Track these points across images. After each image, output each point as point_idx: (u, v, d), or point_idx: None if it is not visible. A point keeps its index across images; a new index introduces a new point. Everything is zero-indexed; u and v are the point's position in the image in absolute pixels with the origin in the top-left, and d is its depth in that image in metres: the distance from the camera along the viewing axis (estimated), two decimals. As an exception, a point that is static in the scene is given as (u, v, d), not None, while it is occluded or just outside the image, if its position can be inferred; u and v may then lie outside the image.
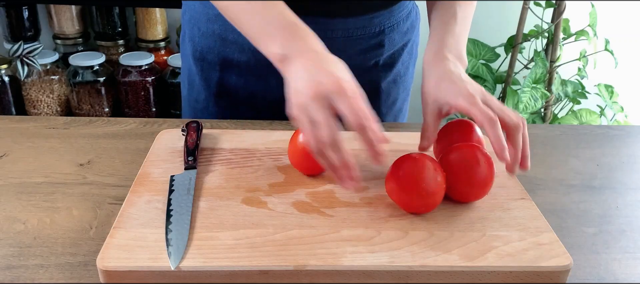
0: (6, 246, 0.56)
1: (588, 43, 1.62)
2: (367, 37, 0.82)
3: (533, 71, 1.57)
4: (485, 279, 0.53)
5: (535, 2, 1.66)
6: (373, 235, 0.56)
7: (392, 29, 0.83)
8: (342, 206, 0.61)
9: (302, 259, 0.52)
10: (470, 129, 0.68)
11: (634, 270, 0.58)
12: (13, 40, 1.65)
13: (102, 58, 1.64)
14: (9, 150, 0.75)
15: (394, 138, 0.79)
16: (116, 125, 0.84)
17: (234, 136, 0.76)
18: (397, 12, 0.83)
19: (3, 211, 0.62)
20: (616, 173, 0.77)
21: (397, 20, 0.84)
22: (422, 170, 0.58)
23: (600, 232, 0.63)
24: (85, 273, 0.53)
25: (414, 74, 0.97)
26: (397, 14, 0.83)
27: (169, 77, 1.66)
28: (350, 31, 0.80)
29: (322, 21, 0.77)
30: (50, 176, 0.69)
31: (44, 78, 1.64)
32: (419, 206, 0.60)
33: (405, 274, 0.52)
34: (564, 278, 0.54)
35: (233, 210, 0.60)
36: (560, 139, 0.87)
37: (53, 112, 1.68)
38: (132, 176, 0.67)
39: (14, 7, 1.63)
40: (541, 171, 0.76)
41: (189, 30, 0.86)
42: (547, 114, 1.75)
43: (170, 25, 1.80)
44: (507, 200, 0.64)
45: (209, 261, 0.51)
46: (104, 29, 1.71)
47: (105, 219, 0.61)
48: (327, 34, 0.78)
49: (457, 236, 0.57)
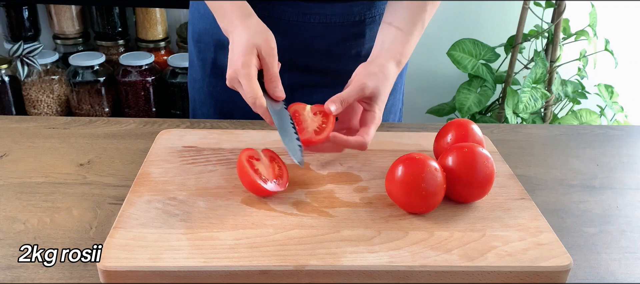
0: (6, 246, 0.56)
1: (588, 43, 1.62)
2: (346, 25, 0.82)
3: (533, 71, 1.57)
4: (485, 279, 0.53)
5: (535, 2, 1.66)
6: (373, 235, 0.56)
7: (373, 20, 0.84)
8: (342, 206, 0.61)
9: (302, 259, 0.52)
10: (470, 129, 0.68)
11: (634, 270, 0.58)
12: (13, 40, 1.65)
13: (102, 59, 1.64)
14: (9, 150, 0.75)
15: (394, 138, 0.79)
16: (116, 125, 0.84)
17: (234, 136, 0.76)
18: (379, 4, 0.84)
19: (3, 211, 0.62)
20: (616, 173, 0.77)
21: (380, 12, 0.84)
22: (422, 170, 0.58)
23: (600, 232, 0.63)
24: (85, 273, 0.53)
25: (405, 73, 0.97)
26: (380, 6, 0.84)
27: (169, 77, 1.66)
28: (328, 17, 0.81)
29: (301, 5, 0.79)
30: (50, 176, 0.69)
31: (44, 78, 1.64)
32: (419, 206, 0.60)
33: (405, 274, 0.52)
34: (564, 278, 0.54)
35: (233, 210, 0.60)
36: (560, 139, 0.87)
37: (53, 112, 1.68)
38: (132, 176, 0.67)
39: (14, 7, 1.63)
40: (541, 171, 0.76)
41: (191, 14, 0.91)
42: (547, 114, 1.75)
43: (170, 25, 1.80)
44: (507, 200, 0.64)
45: (209, 261, 0.51)
46: (104, 29, 1.71)
47: (105, 219, 0.61)
48: (305, 19, 0.80)
49: (457, 236, 0.57)
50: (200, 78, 0.92)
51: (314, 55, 0.83)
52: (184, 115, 1.69)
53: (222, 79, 0.89)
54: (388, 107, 0.95)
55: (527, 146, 0.84)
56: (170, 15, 1.78)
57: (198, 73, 0.92)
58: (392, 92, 0.93)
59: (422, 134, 0.80)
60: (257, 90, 0.62)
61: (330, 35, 0.82)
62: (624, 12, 1.81)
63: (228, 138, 0.76)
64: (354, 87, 0.65)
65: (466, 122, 0.69)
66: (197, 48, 0.90)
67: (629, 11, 1.81)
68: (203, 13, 0.87)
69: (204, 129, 0.80)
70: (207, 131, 0.77)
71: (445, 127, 0.70)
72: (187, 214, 0.58)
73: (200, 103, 0.93)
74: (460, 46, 1.65)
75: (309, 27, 0.81)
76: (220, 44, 0.86)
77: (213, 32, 0.86)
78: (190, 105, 0.97)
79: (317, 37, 0.82)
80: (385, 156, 0.73)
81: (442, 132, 0.70)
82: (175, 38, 1.82)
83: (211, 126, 0.85)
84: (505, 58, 1.72)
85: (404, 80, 0.98)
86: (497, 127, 0.90)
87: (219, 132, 0.77)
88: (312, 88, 0.86)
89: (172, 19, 1.79)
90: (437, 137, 0.71)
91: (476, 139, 0.67)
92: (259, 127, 0.83)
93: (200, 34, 0.89)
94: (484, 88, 1.66)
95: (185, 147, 0.73)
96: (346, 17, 0.82)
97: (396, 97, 0.96)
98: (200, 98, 0.93)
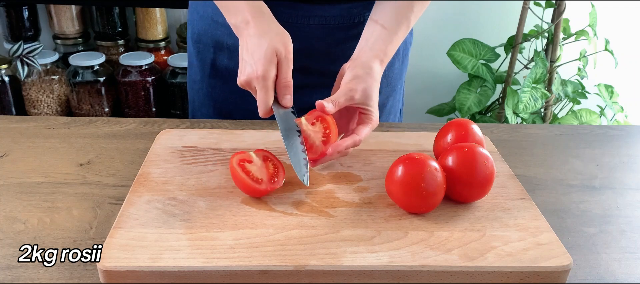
0: (6, 246, 0.56)
1: (588, 43, 1.62)
2: (346, 27, 0.82)
3: (533, 71, 1.57)
4: (485, 279, 0.53)
5: (535, 2, 1.66)
6: (373, 235, 0.56)
7: None
8: (342, 206, 0.61)
9: (302, 259, 0.52)
10: (470, 129, 0.68)
11: (634, 270, 0.58)
12: (13, 40, 1.65)
13: (102, 59, 1.64)
14: (9, 150, 0.75)
15: (394, 138, 0.79)
16: (116, 125, 0.84)
17: (234, 136, 0.76)
18: None
19: (3, 211, 0.62)
20: (616, 173, 0.77)
21: None
22: (422, 170, 0.58)
23: (600, 232, 0.63)
24: (85, 273, 0.53)
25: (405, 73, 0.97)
26: None
27: (169, 77, 1.66)
28: (328, 19, 0.81)
29: (301, 7, 0.79)
30: (50, 176, 0.69)
31: (44, 78, 1.64)
32: (419, 206, 0.60)
33: (405, 274, 0.52)
34: (564, 278, 0.54)
35: (233, 210, 0.60)
36: (560, 139, 0.87)
37: (53, 112, 1.68)
38: (132, 176, 0.67)
39: (14, 7, 1.63)
40: (541, 171, 0.76)
41: (190, 14, 0.91)
42: (547, 114, 1.75)
43: (170, 25, 1.80)
44: (507, 200, 0.64)
45: (209, 261, 0.51)
46: (104, 29, 1.71)
47: (105, 219, 0.61)
48: (305, 21, 0.80)
49: (457, 236, 0.57)
50: (200, 79, 0.92)
51: (313, 57, 0.83)
52: (184, 115, 1.69)
53: (221, 80, 0.90)
54: (388, 108, 0.95)
55: (527, 146, 0.84)
56: (170, 15, 1.78)
57: (197, 74, 0.92)
58: (392, 93, 0.93)
59: (422, 134, 0.80)
60: (270, 102, 0.64)
61: (329, 37, 0.82)
62: (624, 12, 1.81)
63: (228, 138, 0.76)
64: (342, 92, 0.66)
65: (466, 122, 0.69)
66: (196, 49, 0.90)
67: (629, 11, 1.81)
68: (202, 14, 0.87)
69: (204, 129, 0.80)
70: (207, 131, 0.77)
71: (445, 127, 0.70)
72: (187, 214, 0.58)
73: (200, 104, 0.94)
74: (460, 46, 1.65)
75: (309, 29, 0.81)
76: (219, 45, 0.86)
77: (212, 33, 0.86)
78: (190, 105, 0.97)
79: (317, 39, 0.82)
80: (385, 156, 0.73)
81: (442, 132, 0.70)
82: (175, 38, 1.82)
83: (211, 126, 0.85)
84: (505, 58, 1.72)
85: (403, 81, 0.98)
86: (497, 127, 0.90)
87: (219, 132, 0.77)
88: (312, 89, 0.86)
89: (172, 19, 1.79)
90: (437, 137, 0.71)
91: (476, 139, 0.67)
92: (259, 127, 0.83)
93: (200, 34, 0.89)
94: (484, 88, 1.66)
95: (185, 147, 0.73)
96: (345, 19, 0.82)
97: (396, 98, 0.96)
98: (200, 99, 0.93)
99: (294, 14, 0.79)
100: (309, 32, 0.81)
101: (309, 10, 0.80)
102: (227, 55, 0.86)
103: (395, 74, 0.92)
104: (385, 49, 0.71)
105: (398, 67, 0.93)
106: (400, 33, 0.72)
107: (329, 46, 0.83)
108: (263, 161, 0.65)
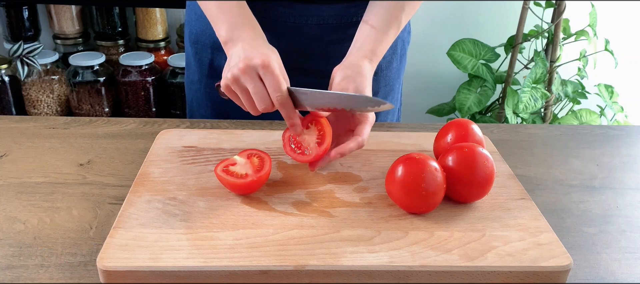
0: (6, 246, 0.56)
1: (588, 43, 1.61)
2: (343, 27, 0.82)
3: (533, 71, 1.57)
4: (485, 279, 0.53)
5: (535, 2, 1.66)
6: (373, 235, 0.56)
7: None
8: (342, 206, 0.61)
9: (302, 259, 0.52)
10: (470, 129, 0.68)
11: (634, 270, 0.58)
12: (13, 40, 1.65)
13: (102, 59, 1.64)
14: (9, 150, 0.75)
15: (394, 138, 0.79)
16: (116, 125, 0.84)
17: (233, 136, 0.76)
18: None
19: (3, 211, 0.62)
20: (616, 173, 0.77)
21: None
22: (422, 170, 0.58)
23: (600, 232, 0.63)
24: (85, 273, 0.53)
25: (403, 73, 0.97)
26: None
27: (169, 77, 1.66)
28: (325, 19, 0.81)
29: (298, 7, 0.79)
30: (50, 176, 0.69)
31: (44, 78, 1.64)
32: (419, 206, 0.60)
33: (405, 274, 0.52)
34: (564, 278, 0.54)
35: (233, 210, 0.60)
36: (560, 139, 0.87)
37: (53, 112, 1.68)
38: (132, 176, 0.67)
39: (14, 7, 1.63)
40: (541, 171, 0.76)
41: (188, 15, 0.91)
42: (547, 114, 1.75)
43: (170, 25, 1.80)
44: (507, 200, 0.64)
45: (209, 261, 0.51)
46: (104, 29, 1.71)
47: (105, 219, 0.61)
48: (301, 20, 0.80)
49: (457, 236, 0.57)
50: (198, 79, 0.92)
51: (310, 57, 0.84)
52: (183, 115, 1.69)
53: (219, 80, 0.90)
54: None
55: (527, 146, 0.84)
56: (170, 15, 1.78)
57: (195, 74, 0.92)
58: (390, 93, 0.93)
59: (422, 134, 0.80)
60: (282, 81, 0.62)
61: (326, 37, 0.82)
62: (624, 12, 1.81)
63: (228, 138, 0.76)
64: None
65: (466, 122, 0.69)
66: (194, 49, 0.90)
67: (629, 11, 1.81)
68: (199, 14, 0.87)
69: (204, 129, 0.80)
70: (207, 131, 0.77)
71: (445, 127, 0.70)
72: (187, 214, 0.58)
73: (198, 104, 0.93)
74: (460, 46, 1.65)
75: (306, 29, 0.81)
76: (217, 46, 0.86)
77: (210, 33, 0.86)
78: (187, 106, 0.97)
79: (314, 39, 0.82)
80: (385, 156, 0.73)
81: (442, 132, 0.70)
82: (175, 38, 1.82)
83: (211, 126, 0.85)
84: (505, 58, 1.72)
85: (401, 81, 0.98)
86: (497, 127, 0.90)
87: (219, 132, 0.77)
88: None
89: (172, 19, 1.79)
90: (437, 137, 0.71)
91: (476, 139, 0.67)
92: (258, 127, 0.83)
93: (197, 35, 0.88)
94: (484, 88, 1.66)
95: (185, 147, 0.73)
96: (342, 19, 0.82)
97: (394, 97, 0.96)
98: (198, 99, 0.93)
99: (290, 14, 0.79)
100: (305, 33, 0.81)
101: (305, 10, 0.80)
102: (225, 55, 0.86)
103: (393, 74, 0.92)
104: (374, 49, 0.71)
105: (396, 67, 0.93)
106: (390, 33, 0.72)
107: (325, 46, 0.83)
108: (247, 159, 0.64)
